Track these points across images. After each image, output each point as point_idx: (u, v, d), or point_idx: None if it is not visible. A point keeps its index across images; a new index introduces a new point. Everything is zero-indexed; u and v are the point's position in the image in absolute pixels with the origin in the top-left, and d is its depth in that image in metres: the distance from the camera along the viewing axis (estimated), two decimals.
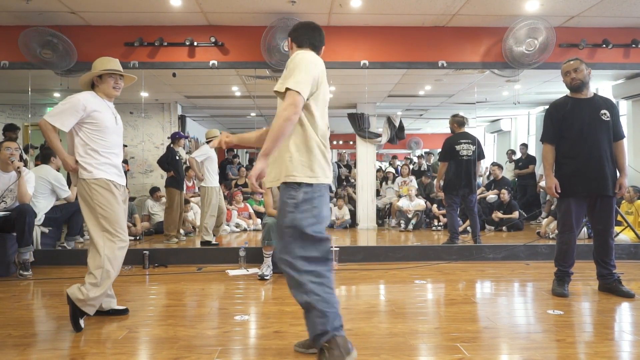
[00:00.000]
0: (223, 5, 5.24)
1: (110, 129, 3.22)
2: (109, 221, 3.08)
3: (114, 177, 3.18)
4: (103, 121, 3.16)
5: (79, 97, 3.13)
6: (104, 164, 3.15)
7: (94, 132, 3.14)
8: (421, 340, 2.85)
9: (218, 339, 2.87)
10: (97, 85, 3.27)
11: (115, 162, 3.23)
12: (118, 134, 3.32)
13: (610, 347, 2.74)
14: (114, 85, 3.27)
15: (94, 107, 3.13)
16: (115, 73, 3.26)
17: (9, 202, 4.81)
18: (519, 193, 9.14)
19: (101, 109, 3.18)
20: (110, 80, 3.26)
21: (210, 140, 6.57)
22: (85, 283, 3.03)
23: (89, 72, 3.26)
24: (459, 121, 6.34)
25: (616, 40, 5.89)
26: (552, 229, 6.66)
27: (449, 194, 6.24)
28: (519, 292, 4.26)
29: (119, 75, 3.30)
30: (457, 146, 6.18)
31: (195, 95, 8.47)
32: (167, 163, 6.71)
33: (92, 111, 3.11)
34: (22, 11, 5.27)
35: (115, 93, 3.30)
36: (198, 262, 5.34)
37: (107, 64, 3.25)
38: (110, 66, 3.25)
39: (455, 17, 5.63)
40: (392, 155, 12.23)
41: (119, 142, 3.33)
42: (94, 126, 3.14)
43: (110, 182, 3.14)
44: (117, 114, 3.35)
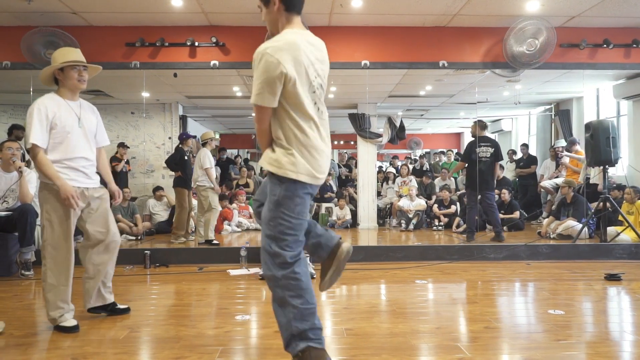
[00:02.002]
0: (224, 5, 5.25)
1: (72, 133, 3.00)
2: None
3: (76, 183, 3.02)
4: (64, 126, 2.96)
5: (37, 105, 2.92)
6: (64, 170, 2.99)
7: (55, 139, 2.96)
8: (422, 340, 2.85)
9: (219, 339, 2.88)
10: (61, 80, 3.05)
11: (79, 165, 3.05)
12: (84, 134, 3.09)
13: (611, 347, 2.74)
14: (78, 78, 3.04)
15: (54, 112, 2.95)
16: (77, 64, 3.03)
17: (11, 202, 4.82)
18: (519, 193, 9.15)
19: (60, 112, 2.98)
20: (74, 72, 3.02)
21: (206, 142, 6.57)
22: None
23: (49, 66, 3.04)
24: (482, 125, 6.74)
25: (617, 41, 5.89)
26: (552, 229, 6.66)
27: (469, 193, 6.62)
28: (520, 292, 4.26)
29: (83, 67, 3.06)
30: (477, 149, 6.51)
31: (196, 96, 8.48)
32: (175, 163, 6.71)
33: (52, 116, 2.94)
34: (23, 12, 5.28)
35: (81, 86, 3.07)
36: (199, 262, 5.35)
37: (68, 55, 3.03)
38: (72, 57, 3.02)
39: (455, 17, 5.64)
40: (393, 155, 12.25)
41: (84, 144, 3.09)
42: (54, 134, 2.95)
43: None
44: (83, 112, 3.11)
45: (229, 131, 13.09)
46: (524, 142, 9.67)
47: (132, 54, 5.76)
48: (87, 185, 3.09)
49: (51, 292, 3.01)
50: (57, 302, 3.01)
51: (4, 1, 5.01)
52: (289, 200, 2.14)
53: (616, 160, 6.00)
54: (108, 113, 8.14)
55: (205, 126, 11.02)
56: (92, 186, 3.13)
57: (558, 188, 7.64)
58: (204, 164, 6.36)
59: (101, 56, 5.71)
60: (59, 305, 3.01)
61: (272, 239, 2.17)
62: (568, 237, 6.33)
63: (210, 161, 6.42)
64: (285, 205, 2.14)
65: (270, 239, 2.17)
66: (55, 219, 2.97)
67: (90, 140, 3.15)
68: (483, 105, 9.21)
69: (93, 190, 3.13)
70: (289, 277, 2.15)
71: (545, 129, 9.70)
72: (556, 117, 8.94)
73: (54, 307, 3.01)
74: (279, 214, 2.15)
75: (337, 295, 3.99)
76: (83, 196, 3.06)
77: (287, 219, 2.14)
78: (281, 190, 2.14)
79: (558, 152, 8.34)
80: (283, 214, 2.14)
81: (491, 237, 6.53)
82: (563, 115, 8.62)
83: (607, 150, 5.86)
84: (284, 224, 2.14)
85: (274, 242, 2.16)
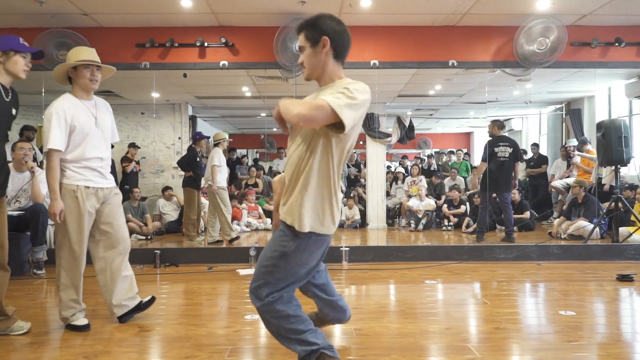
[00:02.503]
0: (233, 5, 5.26)
1: (90, 134, 3.01)
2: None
3: (91, 183, 3.04)
4: (82, 128, 2.98)
5: (54, 109, 2.92)
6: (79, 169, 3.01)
7: (74, 141, 2.97)
8: (432, 340, 2.84)
9: (228, 338, 2.89)
10: (74, 79, 3.04)
11: (96, 165, 3.07)
12: (100, 134, 3.10)
13: (623, 349, 2.72)
14: (91, 77, 3.01)
15: (72, 114, 2.95)
16: (91, 64, 3.01)
17: (23, 201, 4.87)
18: (530, 193, 9.08)
19: (79, 114, 2.98)
20: (86, 72, 2.99)
21: (219, 142, 6.59)
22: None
23: (62, 64, 3.03)
24: (499, 125, 6.72)
25: (629, 39, 5.82)
26: (563, 229, 6.61)
27: (484, 192, 6.59)
28: (531, 293, 4.23)
29: (96, 67, 3.04)
30: (496, 148, 6.50)
31: (206, 96, 8.51)
32: (187, 164, 6.74)
33: (71, 119, 2.94)
34: (35, 13, 5.33)
35: (93, 86, 3.04)
36: (209, 262, 5.37)
37: (82, 54, 3.01)
38: (85, 56, 2.99)
39: (465, 17, 5.61)
40: (402, 155, 12.21)
41: (100, 145, 3.09)
42: (73, 136, 2.95)
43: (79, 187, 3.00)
44: (98, 112, 3.10)
45: (238, 131, 13.12)
46: (535, 142, 9.60)
47: (142, 54, 5.80)
48: (102, 185, 3.11)
49: (64, 291, 3.04)
50: (69, 301, 3.04)
51: (16, 3, 5.07)
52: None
53: (628, 160, 5.93)
54: (118, 113, 8.18)
55: (215, 126, 11.05)
56: (106, 186, 3.14)
57: (569, 188, 7.57)
58: (211, 162, 6.41)
59: (111, 57, 5.75)
60: (71, 305, 3.04)
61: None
62: (579, 238, 6.27)
63: (220, 159, 6.44)
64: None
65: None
66: (69, 220, 2.99)
67: (106, 139, 3.17)
68: (493, 105, 9.15)
69: (107, 190, 3.15)
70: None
71: (556, 129, 9.61)
72: (567, 116, 8.86)
73: (66, 307, 3.04)
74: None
75: (346, 295, 3.98)
76: (97, 196, 3.07)
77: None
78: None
79: (570, 151, 8.27)
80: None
81: (501, 237, 6.49)
82: (574, 115, 8.54)
83: (619, 150, 5.80)
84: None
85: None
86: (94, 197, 3.05)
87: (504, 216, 6.59)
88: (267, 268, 2.14)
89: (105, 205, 3.13)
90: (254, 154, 13.98)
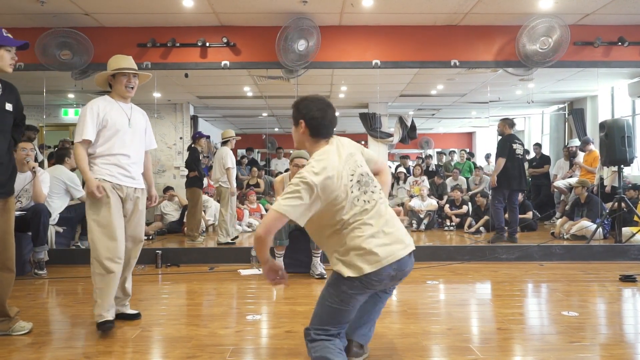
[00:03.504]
0: (235, 5, 5.26)
1: (122, 131, 3.12)
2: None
3: (114, 179, 3.09)
4: (114, 124, 3.08)
5: (89, 104, 3.07)
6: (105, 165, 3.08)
7: (104, 136, 3.07)
8: (434, 341, 2.83)
9: (230, 339, 2.88)
10: (113, 85, 3.19)
11: (122, 163, 3.12)
12: (132, 134, 3.19)
13: (626, 350, 2.70)
14: (126, 84, 3.15)
15: (105, 110, 3.08)
16: (128, 72, 3.14)
17: (25, 202, 4.87)
18: (532, 193, 9.06)
19: (112, 112, 3.10)
20: (123, 78, 3.15)
21: (227, 140, 6.50)
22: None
23: (103, 72, 3.19)
24: (510, 123, 6.58)
25: (632, 38, 5.80)
26: (566, 229, 6.59)
27: (500, 190, 6.42)
28: (533, 293, 4.21)
29: (133, 74, 3.18)
30: (514, 145, 6.36)
31: (207, 96, 8.52)
32: (193, 163, 6.73)
33: (104, 115, 3.06)
34: (36, 13, 5.33)
35: (128, 94, 3.19)
36: (210, 262, 5.37)
37: (119, 63, 3.15)
38: (122, 65, 3.14)
39: (467, 16, 5.59)
40: (403, 155, 12.18)
41: (130, 143, 3.18)
42: (104, 131, 3.07)
43: (109, 183, 3.06)
44: (133, 114, 3.23)
45: (239, 131, 13.09)
46: (537, 142, 9.57)
47: (143, 54, 5.80)
48: (126, 183, 3.14)
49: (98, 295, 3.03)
50: (104, 304, 3.01)
51: (17, 3, 5.07)
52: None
53: (631, 160, 5.90)
54: None
55: (216, 126, 11.05)
56: (131, 185, 3.17)
57: (572, 188, 7.55)
58: (226, 164, 6.27)
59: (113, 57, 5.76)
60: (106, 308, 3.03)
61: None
62: (582, 238, 6.26)
63: (232, 161, 6.37)
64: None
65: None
66: (100, 218, 3.03)
67: (138, 141, 3.25)
68: (495, 105, 9.12)
69: (131, 190, 3.17)
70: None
71: (558, 128, 9.59)
72: (570, 116, 8.83)
73: (101, 308, 3.02)
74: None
75: None
76: (121, 192, 3.11)
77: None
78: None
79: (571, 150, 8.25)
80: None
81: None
82: (577, 114, 8.51)
83: (622, 150, 5.78)
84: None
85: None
86: (117, 193, 3.09)
87: (510, 216, 6.49)
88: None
89: (127, 213, 3.17)
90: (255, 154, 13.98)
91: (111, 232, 3.01)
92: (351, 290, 2.16)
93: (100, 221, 3.01)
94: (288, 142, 11.97)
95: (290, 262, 4.70)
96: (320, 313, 2.24)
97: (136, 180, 3.21)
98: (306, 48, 5.64)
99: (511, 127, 6.56)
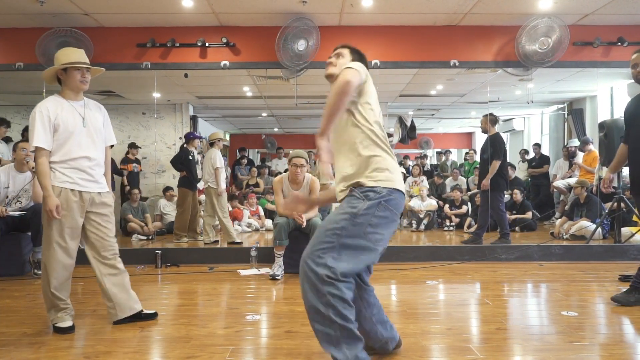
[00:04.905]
0: (234, 5, 5.26)
1: (76, 133, 2.98)
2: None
3: (76, 186, 2.99)
4: (66, 127, 2.95)
5: (38, 108, 2.93)
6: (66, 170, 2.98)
7: (58, 140, 2.95)
8: (433, 341, 2.83)
9: (229, 339, 2.88)
10: (64, 81, 3.04)
11: (84, 166, 3.02)
12: (88, 134, 3.05)
13: (625, 350, 2.70)
14: (81, 79, 3.02)
15: (55, 113, 2.95)
16: (81, 66, 3.01)
17: (24, 202, 4.87)
18: (532, 193, 9.06)
19: (63, 112, 2.97)
20: (77, 73, 3.00)
21: (214, 142, 6.58)
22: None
23: (51, 67, 3.03)
24: (494, 120, 6.34)
25: (631, 38, 5.81)
26: (565, 229, 6.59)
27: (500, 192, 6.16)
28: (533, 293, 4.21)
29: (86, 68, 3.03)
30: (504, 146, 6.23)
31: (207, 96, 8.51)
32: (181, 163, 6.73)
33: (55, 117, 2.93)
34: (36, 13, 5.33)
35: (83, 87, 3.04)
36: (210, 262, 5.37)
37: (71, 56, 3.00)
38: (74, 58, 3.00)
39: (467, 16, 5.60)
40: (404, 155, 12.18)
41: (89, 144, 3.05)
42: (57, 135, 2.94)
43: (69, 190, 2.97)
44: (87, 112, 3.07)
45: (239, 131, 13.12)
46: (537, 142, 9.57)
47: (143, 54, 5.80)
48: (91, 189, 3.05)
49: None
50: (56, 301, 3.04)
51: (17, 3, 5.07)
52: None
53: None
54: (119, 114, 8.21)
55: (216, 126, 11.05)
56: (94, 190, 3.07)
57: (571, 188, 7.55)
58: (214, 164, 6.36)
59: (112, 57, 5.77)
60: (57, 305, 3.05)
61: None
62: (581, 238, 6.26)
63: (221, 161, 6.43)
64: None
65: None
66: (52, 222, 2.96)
67: (96, 140, 3.11)
68: (495, 105, 9.12)
69: (95, 195, 3.08)
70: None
71: (558, 129, 9.59)
72: (569, 116, 8.83)
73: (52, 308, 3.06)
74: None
75: None
76: (82, 199, 3.01)
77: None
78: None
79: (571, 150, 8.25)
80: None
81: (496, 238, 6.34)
82: (576, 115, 8.52)
83: None
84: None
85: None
86: (79, 201, 2.99)
87: (500, 219, 6.27)
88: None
89: (91, 215, 3.07)
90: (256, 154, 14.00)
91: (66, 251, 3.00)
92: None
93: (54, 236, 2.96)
94: (288, 142, 11.97)
95: (290, 262, 4.71)
96: None
97: (100, 184, 3.11)
98: (306, 48, 5.64)
99: (494, 125, 6.32)
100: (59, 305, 3.05)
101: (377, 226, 2.12)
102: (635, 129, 3.73)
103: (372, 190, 2.13)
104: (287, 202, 2.08)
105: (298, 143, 11.51)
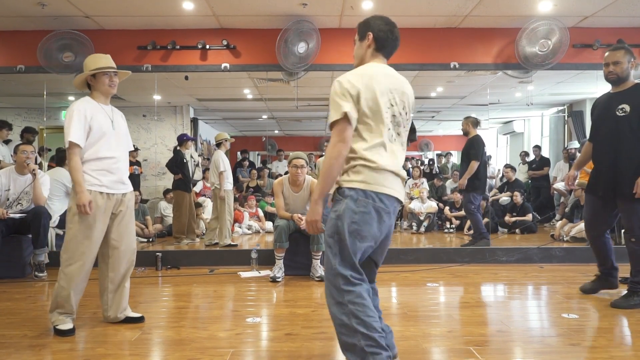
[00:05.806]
0: (235, 8, 5.27)
1: (108, 134, 3.10)
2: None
3: (105, 189, 3.08)
4: (100, 127, 3.07)
5: (75, 107, 3.03)
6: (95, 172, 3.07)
7: (91, 139, 3.05)
8: (433, 343, 2.83)
9: (230, 341, 2.88)
10: (93, 86, 3.17)
11: (112, 167, 3.12)
12: (116, 136, 3.18)
13: (626, 352, 2.70)
14: (109, 83, 3.16)
15: (92, 113, 3.05)
16: (109, 71, 3.15)
17: (25, 204, 4.88)
18: (532, 195, 9.06)
19: (97, 114, 3.08)
20: (105, 78, 3.14)
21: (220, 143, 6.54)
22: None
23: (81, 73, 3.17)
24: (474, 122, 6.35)
25: (631, 41, 5.81)
26: (566, 231, 6.59)
27: (477, 195, 6.18)
28: (533, 296, 4.21)
29: (113, 72, 3.18)
30: (484, 148, 6.21)
31: (207, 98, 8.53)
32: (176, 166, 6.72)
33: (90, 117, 3.04)
34: (37, 16, 5.35)
35: (112, 91, 3.19)
36: (210, 264, 5.37)
37: (99, 62, 3.14)
38: (102, 64, 3.14)
39: (467, 18, 5.61)
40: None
41: (116, 146, 3.17)
42: (91, 134, 3.04)
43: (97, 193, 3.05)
44: (114, 116, 3.22)
45: (239, 133, 13.13)
46: (537, 144, 9.58)
47: (143, 57, 5.81)
48: (117, 191, 3.14)
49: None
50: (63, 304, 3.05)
51: (18, 5, 5.08)
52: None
53: None
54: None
55: (216, 128, 11.06)
56: (122, 191, 3.18)
57: (571, 190, 7.55)
58: (217, 168, 6.31)
59: (113, 59, 5.74)
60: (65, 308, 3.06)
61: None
62: (582, 240, 6.25)
63: (224, 163, 6.40)
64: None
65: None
66: (79, 221, 3.02)
67: (122, 143, 3.24)
68: (495, 107, 9.13)
69: (121, 197, 3.18)
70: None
71: (558, 131, 9.60)
72: (569, 118, 8.85)
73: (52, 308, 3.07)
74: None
75: None
76: (109, 202, 3.10)
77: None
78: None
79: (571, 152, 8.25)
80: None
81: (503, 239, 6.39)
82: (576, 117, 8.53)
83: None
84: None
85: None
86: (106, 205, 3.09)
87: (472, 219, 6.32)
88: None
89: (117, 217, 3.16)
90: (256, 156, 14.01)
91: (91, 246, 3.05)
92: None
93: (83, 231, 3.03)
94: (288, 144, 11.98)
95: (290, 265, 4.71)
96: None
97: (126, 185, 3.22)
98: (306, 50, 5.65)
99: (475, 127, 6.31)
100: (65, 307, 3.06)
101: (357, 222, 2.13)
102: (603, 128, 3.75)
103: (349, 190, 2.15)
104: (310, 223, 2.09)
105: (298, 145, 11.52)
